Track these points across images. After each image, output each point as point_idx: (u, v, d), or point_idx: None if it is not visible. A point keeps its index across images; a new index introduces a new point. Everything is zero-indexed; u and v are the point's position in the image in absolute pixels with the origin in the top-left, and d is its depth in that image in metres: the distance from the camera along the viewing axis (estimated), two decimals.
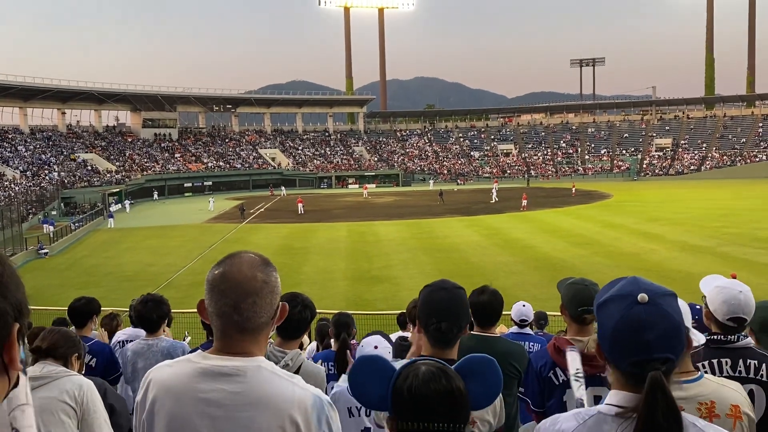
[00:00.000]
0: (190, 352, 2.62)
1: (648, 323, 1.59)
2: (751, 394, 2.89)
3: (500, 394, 2.68)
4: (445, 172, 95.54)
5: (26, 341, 1.14)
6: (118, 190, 66.61)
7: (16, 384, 1.12)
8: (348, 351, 4.34)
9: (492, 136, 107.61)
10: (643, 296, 1.61)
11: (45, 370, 3.00)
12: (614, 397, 1.68)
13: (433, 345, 2.70)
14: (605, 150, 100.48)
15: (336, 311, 5.88)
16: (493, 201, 57.89)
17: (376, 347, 3.97)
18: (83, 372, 3.99)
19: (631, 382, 1.63)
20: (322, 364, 4.18)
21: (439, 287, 2.76)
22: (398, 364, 1.82)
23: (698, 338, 2.43)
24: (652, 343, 1.58)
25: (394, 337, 7.21)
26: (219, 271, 1.90)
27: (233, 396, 1.81)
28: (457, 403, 1.67)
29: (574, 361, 2.90)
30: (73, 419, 2.87)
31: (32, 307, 3.17)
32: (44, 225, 44.06)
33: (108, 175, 71.47)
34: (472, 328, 4.15)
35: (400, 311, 8.95)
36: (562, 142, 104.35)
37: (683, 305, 2.25)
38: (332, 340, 5.06)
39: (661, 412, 1.52)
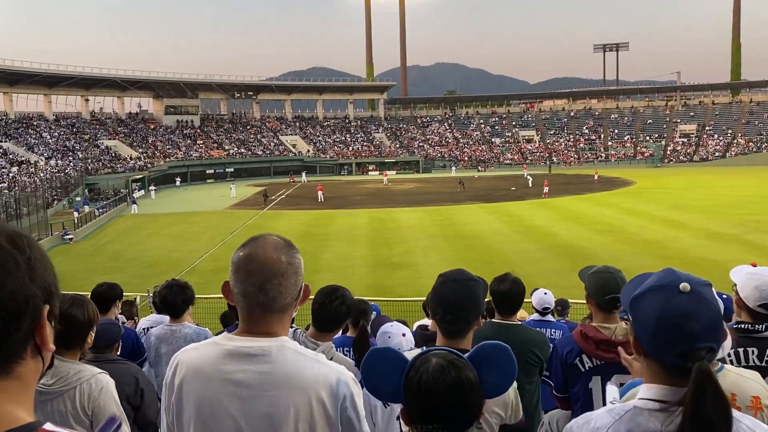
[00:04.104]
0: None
1: (693, 312, 1.56)
2: None
3: (515, 389, 2.66)
4: (466, 158, 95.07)
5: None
6: (141, 176, 67.20)
7: (51, 365, 1.17)
8: (368, 337, 4.34)
9: (513, 123, 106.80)
10: (685, 285, 1.58)
11: (55, 378, 2.87)
12: (650, 391, 1.64)
13: (443, 335, 2.69)
14: (628, 136, 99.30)
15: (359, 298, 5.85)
16: (530, 186, 58.52)
17: (404, 335, 3.96)
18: (119, 351, 4.00)
19: (674, 374, 1.59)
20: (338, 350, 4.19)
21: (451, 278, 2.72)
22: (412, 354, 1.82)
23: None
24: (697, 333, 1.55)
25: (414, 325, 7.22)
26: (244, 252, 1.93)
27: (260, 376, 1.84)
28: (467, 394, 1.66)
29: (611, 392, 2.89)
30: (87, 429, 2.87)
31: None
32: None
33: (131, 161, 72.18)
34: (492, 316, 4.13)
35: (420, 298, 8.96)
36: (584, 128, 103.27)
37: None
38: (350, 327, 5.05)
39: (712, 405, 1.47)
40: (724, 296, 3.61)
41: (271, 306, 1.89)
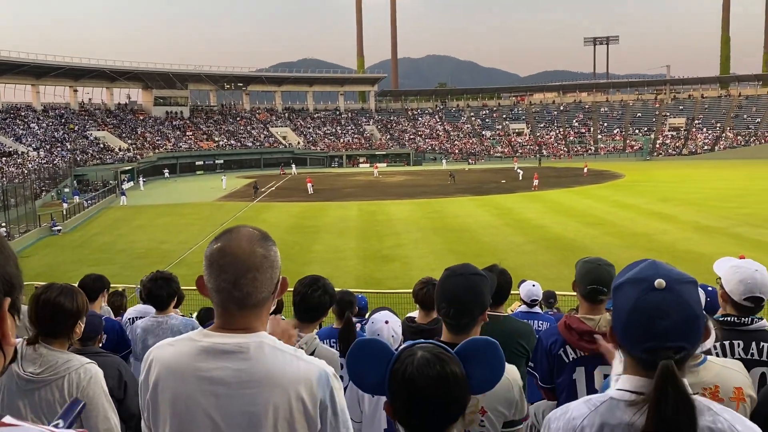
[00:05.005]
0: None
1: (663, 310, 1.51)
2: (763, 377, 2.87)
3: (520, 387, 2.65)
4: (457, 151, 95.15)
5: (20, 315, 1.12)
6: (130, 167, 66.85)
7: (13, 359, 1.12)
8: (353, 328, 4.34)
9: (504, 115, 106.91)
10: (660, 282, 1.53)
11: (43, 368, 2.85)
12: (627, 382, 1.60)
13: (447, 330, 2.66)
14: (618, 129, 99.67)
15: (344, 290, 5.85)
16: (520, 179, 58.58)
17: (386, 322, 3.95)
18: (102, 343, 3.97)
19: (644, 367, 1.55)
20: (324, 342, 4.19)
21: (455, 273, 2.67)
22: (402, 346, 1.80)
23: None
24: (667, 331, 1.50)
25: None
26: (217, 246, 1.84)
27: (237, 373, 1.77)
28: (452, 389, 1.64)
29: (619, 365, 2.88)
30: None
31: (46, 283, 3.16)
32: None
33: (120, 152, 71.73)
34: None
35: (410, 290, 8.95)
36: (574, 121, 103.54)
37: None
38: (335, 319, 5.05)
39: (671, 404, 1.44)
40: (710, 288, 3.62)
41: (246, 301, 1.81)
